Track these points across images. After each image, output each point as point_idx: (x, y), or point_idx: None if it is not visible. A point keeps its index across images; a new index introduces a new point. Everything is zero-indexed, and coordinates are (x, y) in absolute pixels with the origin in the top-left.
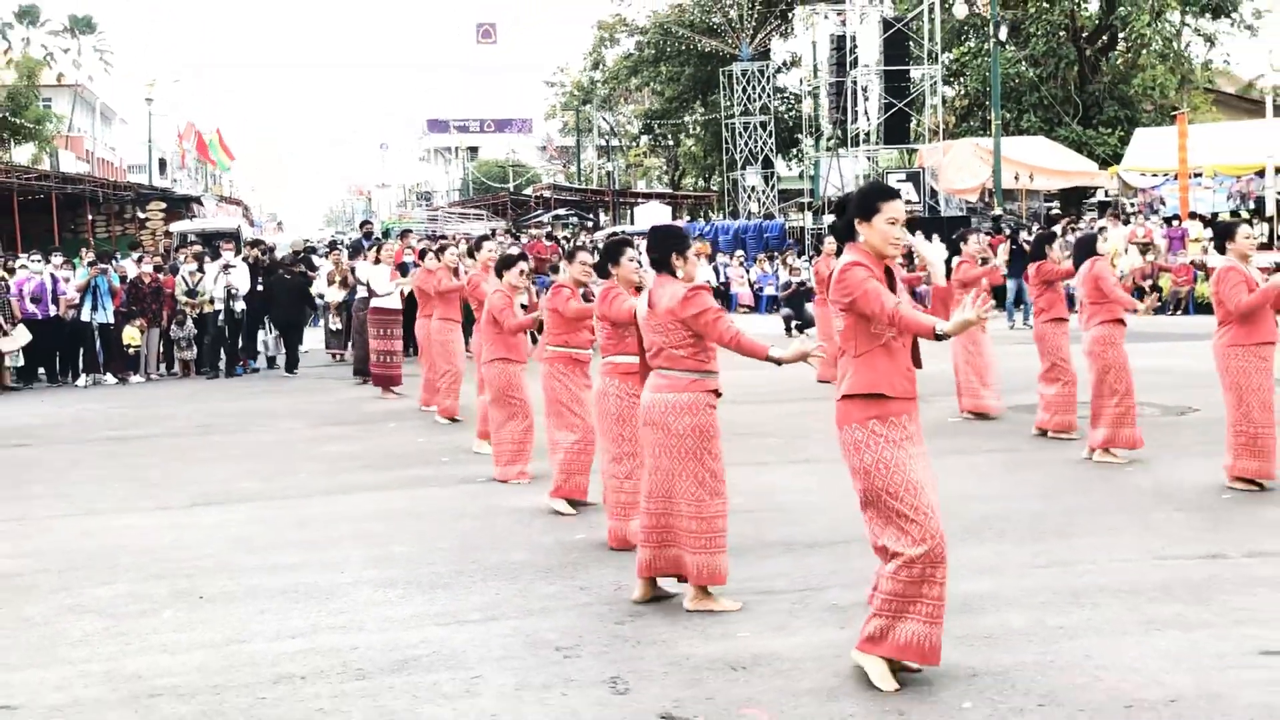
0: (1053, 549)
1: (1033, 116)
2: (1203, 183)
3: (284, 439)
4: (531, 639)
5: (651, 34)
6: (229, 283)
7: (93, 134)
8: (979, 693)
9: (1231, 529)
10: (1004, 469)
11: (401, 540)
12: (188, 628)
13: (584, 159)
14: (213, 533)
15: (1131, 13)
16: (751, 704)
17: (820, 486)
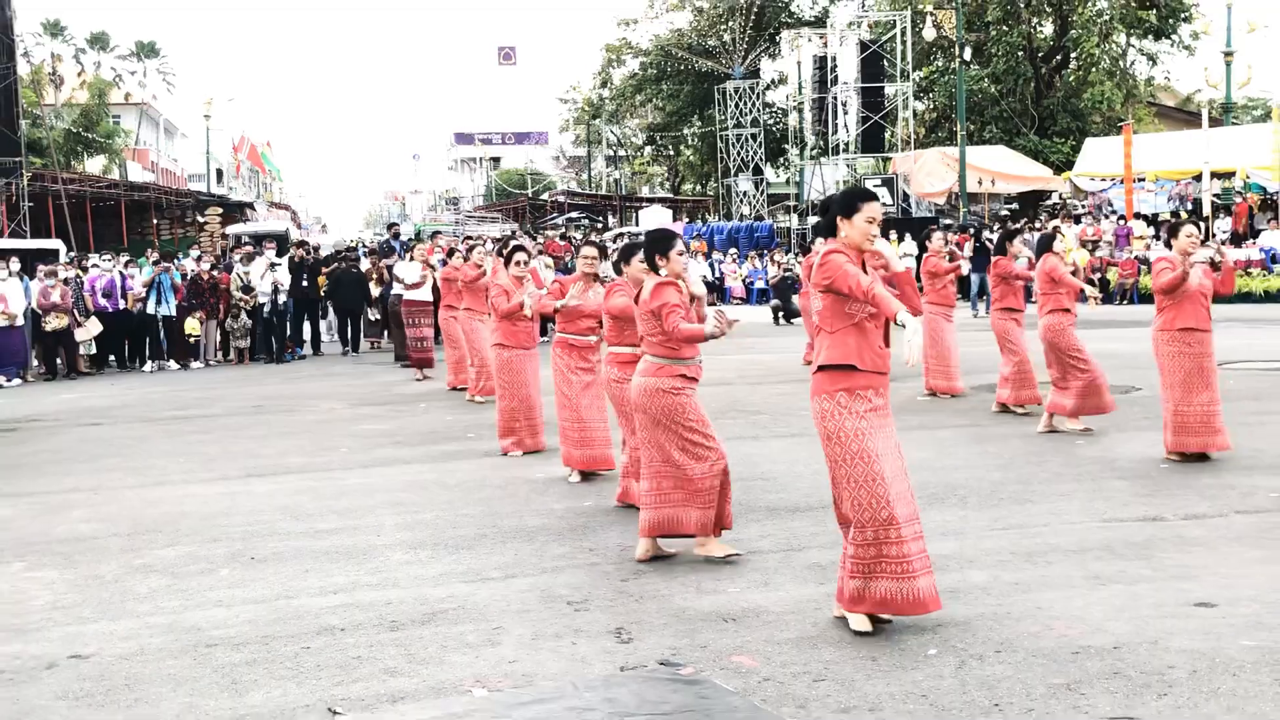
0: (1010, 513)
1: (994, 128)
2: (1146, 186)
3: (326, 418)
4: (546, 594)
5: (654, 56)
6: (275, 279)
7: (157, 147)
8: (943, 641)
9: (1169, 495)
10: (967, 442)
11: (430, 508)
12: (241, 585)
13: (594, 167)
14: (264, 501)
15: (1082, 35)
16: (740, 652)
17: (804, 458)
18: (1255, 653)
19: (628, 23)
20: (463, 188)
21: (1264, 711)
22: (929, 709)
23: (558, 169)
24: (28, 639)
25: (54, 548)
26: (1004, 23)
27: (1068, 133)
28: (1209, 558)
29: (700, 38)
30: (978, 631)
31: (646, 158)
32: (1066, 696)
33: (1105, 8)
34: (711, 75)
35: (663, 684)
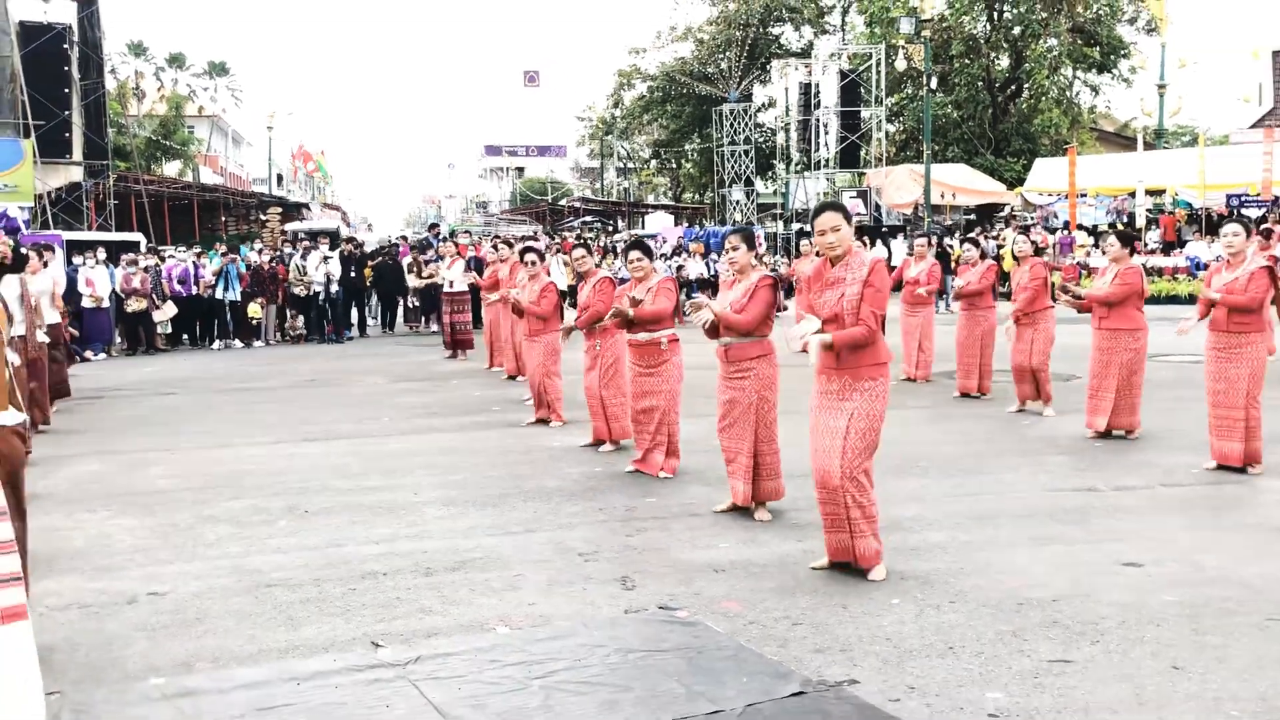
0: (964, 483)
1: (955, 148)
2: (1087, 201)
3: (371, 391)
4: (560, 547)
5: (660, 81)
6: (327, 270)
7: (226, 154)
8: (905, 592)
9: (1102, 469)
10: (929, 421)
11: (461, 470)
12: (297, 534)
13: (606, 177)
14: (316, 462)
15: (1034, 68)
16: (729, 599)
17: (786, 432)
18: (1176, 606)
19: (637, 51)
20: (491, 193)
21: (1183, 657)
22: (892, 650)
23: (574, 178)
24: (112, 577)
25: (135, 499)
26: (966, 56)
27: (1020, 153)
28: (1136, 524)
29: (700, 65)
30: (935, 584)
31: (652, 170)
32: (1012, 642)
33: (1055, 45)
34: (710, 98)
35: (661, 625)
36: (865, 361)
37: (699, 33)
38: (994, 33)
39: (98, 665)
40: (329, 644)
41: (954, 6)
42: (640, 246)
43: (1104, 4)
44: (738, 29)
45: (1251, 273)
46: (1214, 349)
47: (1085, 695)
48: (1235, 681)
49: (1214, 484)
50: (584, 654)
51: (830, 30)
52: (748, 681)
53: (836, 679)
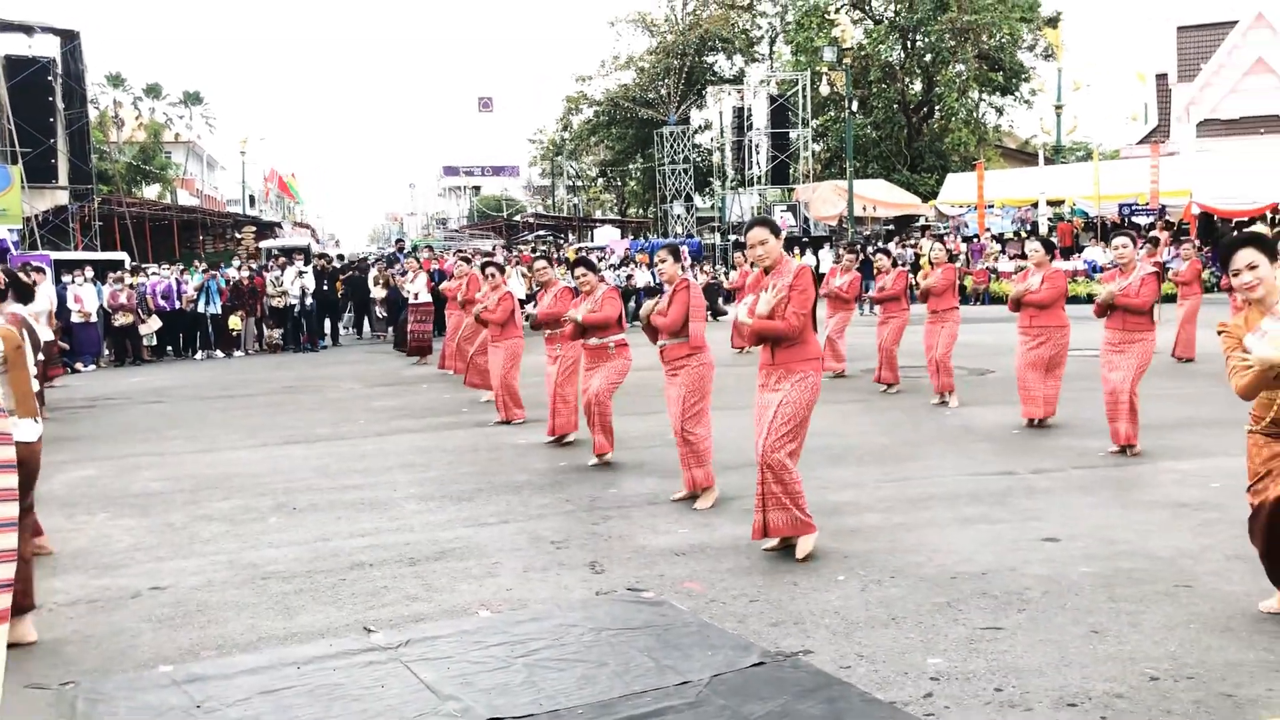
0: (896, 469)
1: (875, 165)
2: (994, 211)
3: (346, 396)
4: (533, 536)
5: (605, 105)
6: (303, 284)
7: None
8: (849, 569)
9: (1020, 454)
10: (860, 413)
11: (435, 468)
12: (286, 530)
13: (557, 195)
14: (299, 463)
15: (945, 91)
16: (691, 579)
17: (732, 426)
18: (1091, 577)
19: (584, 79)
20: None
21: (1099, 621)
22: (841, 622)
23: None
24: (115, 574)
25: (131, 501)
26: (883, 82)
27: (933, 169)
28: (1053, 503)
29: (642, 91)
30: (875, 562)
31: (599, 187)
32: (947, 611)
33: (962, 70)
34: (651, 122)
35: (630, 605)
36: (796, 357)
37: (640, 62)
38: (908, 60)
39: (109, 655)
40: (324, 630)
41: (871, 36)
42: (585, 263)
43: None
44: (675, 58)
45: (1143, 278)
46: (1109, 344)
47: (1015, 658)
48: (1148, 643)
49: (1120, 466)
50: (561, 633)
51: (760, 59)
52: (712, 654)
53: (792, 650)
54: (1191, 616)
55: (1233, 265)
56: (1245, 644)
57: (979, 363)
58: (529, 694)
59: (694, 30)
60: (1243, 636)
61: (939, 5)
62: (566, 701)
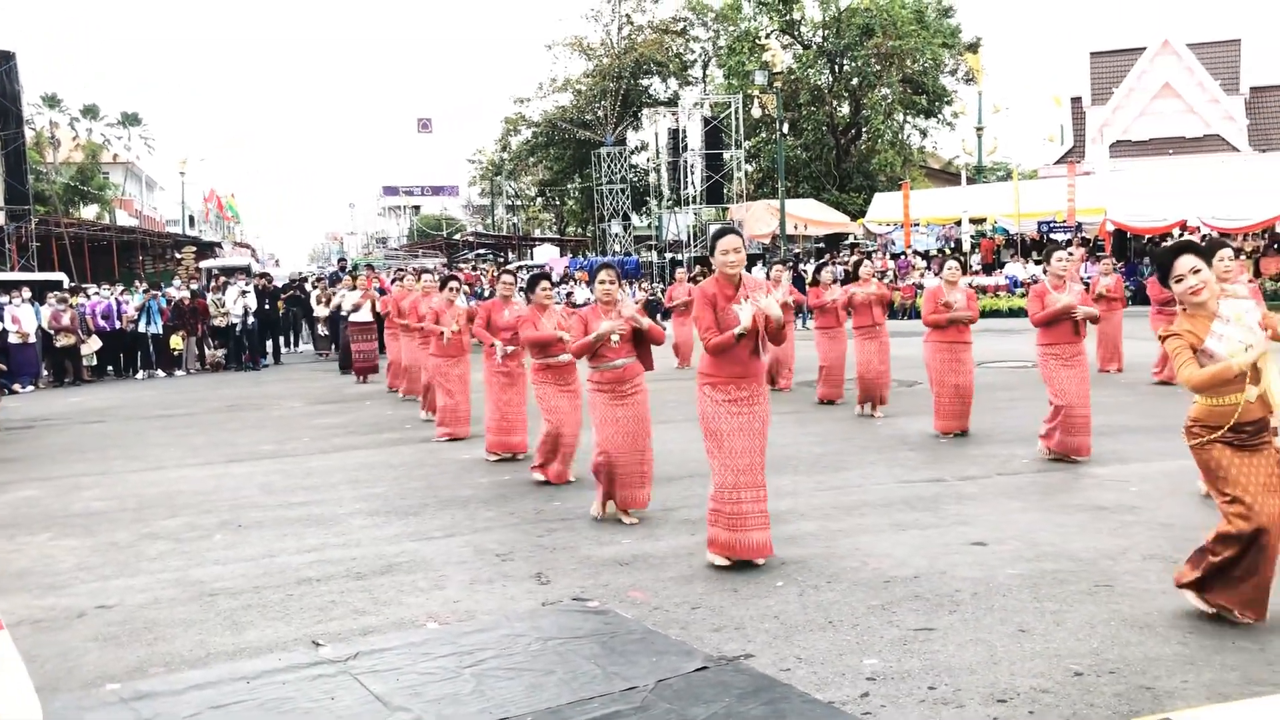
0: (830, 478)
1: (805, 185)
2: (920, 229)
3: (289, 414)
4: (478, 549)
5: (543, 126)
6: (245, 304)
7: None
8: (788, 575)
9: (947, 462)
10: (795, 424)
11: (381, 483)
12: (232, 547)
13: (496, 214)
14: (244, 480)
15: (871, 114)
16: (635, 588)
17: (674, 438)
18: (1018, 579)
19: (522, 100)
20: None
21: (1028, 621)
22: (780, 626)
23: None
24: (60, 594)
25: (74, 520)
26: (812, 105)
27: (861, 188)
28: (981, 509)
29: (579, 113)
30: (812, 567)
31: (538, 207)
32: (882, 614)
33: (888, 94)
34: (589, 142)
35: (576, 614)
36: (758, 370)
37: (577, 84)
38: (836, 84)
39: (54, 675)
40: (273, 645)
41: (800, 61)
42: (548, 278)
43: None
44: (611, 81)
45: (1082, 292)
46: (1058, 357)
47: (948, 657)
48: (1072, 640)
49: (1042, 471)
50: (509, 643)
51: (693, 82)
52: (657, 660)
53: (734, 654)
54: (1112, 614)
55: (1175, 271)
56: (1162, 639)
57: (907, 374)
58: (478, 703)
59: (629, 54)
60: (1160, 632)
61: (865, 31)
62: (515, 710)
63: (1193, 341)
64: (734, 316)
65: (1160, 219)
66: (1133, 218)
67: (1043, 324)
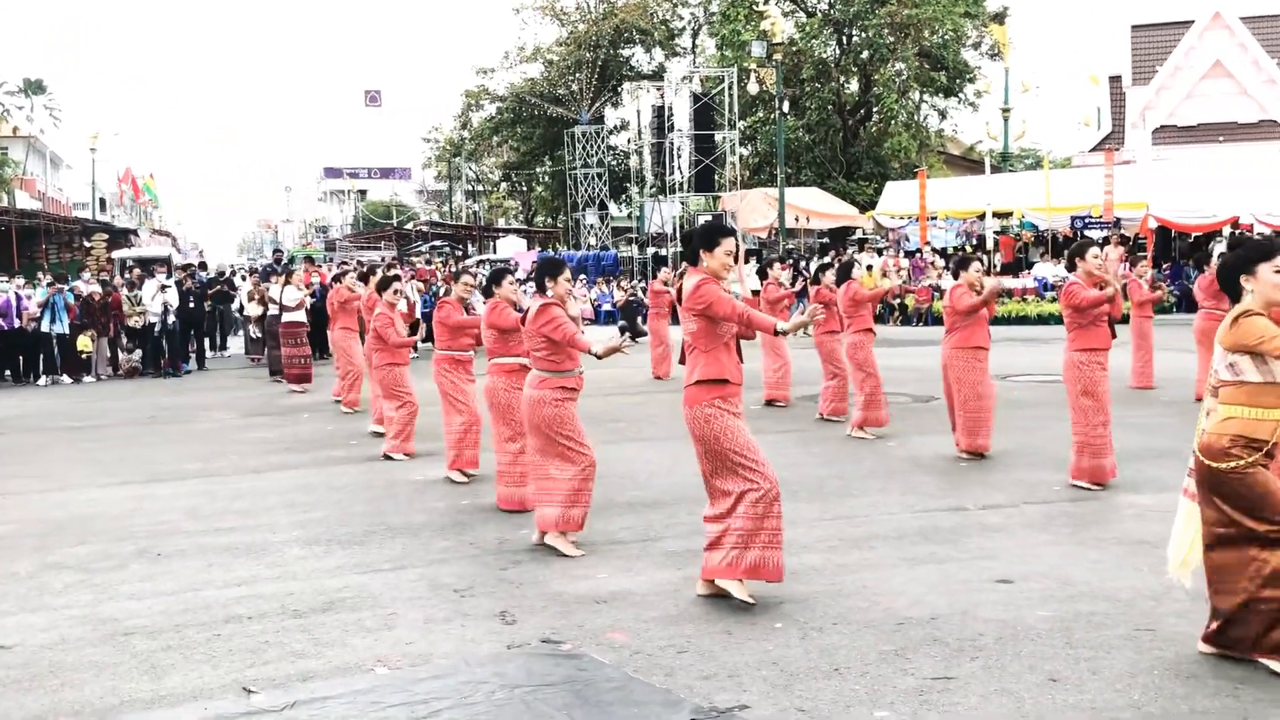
0: (835, 505)
1: (808, 172)
2: (937, 224)
3: (217, 428)
4: (433, 583)
5: (509, 102)
6: (165, 300)
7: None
8: (787, 615)
9: (969, 489)
10: (795, 444)
11: (321, 507)
12: (151, 579)
13: (455, 201)
14: (165, 503)
15: (883, 92)
16: (613, 629)
17: (656, 459)
18: (1049, 621)
19: (485, 71)
20: (332, 217)
21: (1059, 669)
22: (780, 674)
23: (421, 201)
24: None
25: None
26: (817, 80)
27: (871, 176)
28: (1006, 541)
29: (551, 87)
30: (815, 607)
31: (503, 193)
32: (895, 661)
33: (902, 69)
34: (561, 120)
35: (546, 659)
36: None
37: (548, 53)
38: (843, 57)
39: None
40: (197, 692)
41: (804, 31)
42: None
43: (949, 29)
44: (588, 50)
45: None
46: (1099, 364)
47: (969, 710)
48: (1110, 691)
49: (1074, 500)
50: (468, 691)
51: (681, 53)
52: (637, 712)
53: (726, 705)
54: (1154, 662)
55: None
56: (1211, 691)
57: (922, 388)
58: None
59: (608, 20)
60: (1209, 683)
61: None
62: None
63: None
64: None
65: (1209, 215)
66: (1178, 213)
67: (1090, 307)
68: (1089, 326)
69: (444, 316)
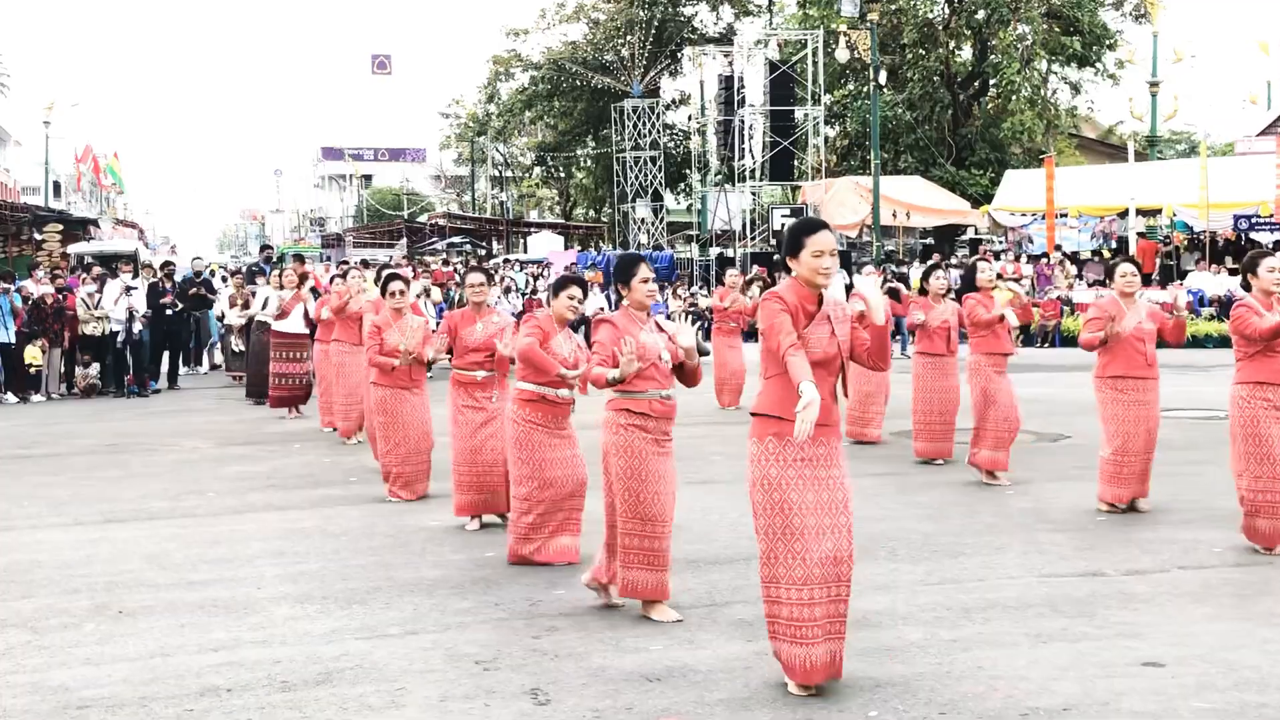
0: (943, 567)
1: (909, 157)
2: (1068, 222)
3: (189, 459)
4: (451, 652)
5: (545, 70)
6: (130, 305)
7: None
8: (883, 702)
9: (1108, 549)
10: (892, 491)
11: (315, 558)
12: (110, 641)
13: (477, 189)
14: (127, 549)
15: (1002, 60)
16: (669, 713)
17: (720, 506)
18: (1208, 715)
19: (517, 33)
20: (330, 207)
21: None
22: None
23: (437, 189)
24: None
25: None
26: (921, 46)
27: (986, 164)
28: (1154, 615)
29: (596, 52)
30: (918, 692)
31: (535, 179)
32: None
33: (1027, 32)
34: (608, 93)
35: None
36: (838, 417)
37: (593, 11)
38: (954, 18)
39: None
40: None
41: None
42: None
43: None
44: (641, 7)
45: None
46: (1268, 401)
47: None
48: None
49: (1240, 565)
50: None
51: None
52: None
53: None
54: None
55: None
56: None
57: (1051, 424)
58: None
59: None
60: None
61: None
62: None
63: None
64: (815, 342)
65: None
66: None
67: (1272, 337)
68: (1261, 355)
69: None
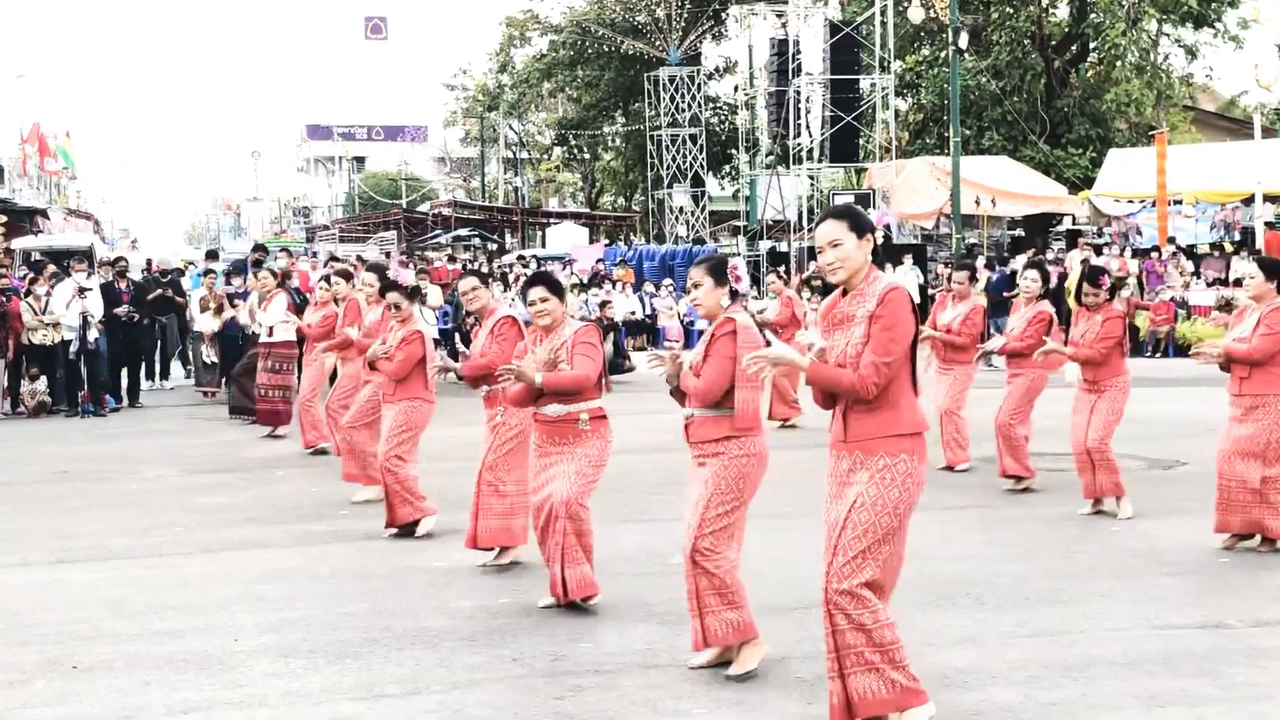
0: (1038, 616)
1: (995, 134)
2: (1183, 211)
3: (154, 488)
4: (459, 715)
5: (567, 33)
6: (84, 309)
7: None
8: None
9: (1233, 595)
10: (977, 527)
11: (300, 604)
12: (64, 700)
13: (488, 172)
14: (82, 593)
15: (1104, 20)
16: None
17: (773, 542)
18: None
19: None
20: (316, 195)
21: None
22: None
23: (440, 173)
24: None
25: None
26: (1009, 4)
27: (1086, 142)
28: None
29: (627, 13)
30: None
31: (556, 161)
32: None
33: None
34: (641, 60)
35: None
36: (879, 432)
37: None
38: None
39: None
40: None
41: None
42: (545, 282)
43: None
44: None
45: None
46: None
47: None
48: None
49: None
50: None
51: None
52: None
53: None
54: None
55: None
56: None
57: (1163, 448)
58: None
59: None
60: None
61: None
62: None
63: None
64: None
65: None
66: None
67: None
68: None
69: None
